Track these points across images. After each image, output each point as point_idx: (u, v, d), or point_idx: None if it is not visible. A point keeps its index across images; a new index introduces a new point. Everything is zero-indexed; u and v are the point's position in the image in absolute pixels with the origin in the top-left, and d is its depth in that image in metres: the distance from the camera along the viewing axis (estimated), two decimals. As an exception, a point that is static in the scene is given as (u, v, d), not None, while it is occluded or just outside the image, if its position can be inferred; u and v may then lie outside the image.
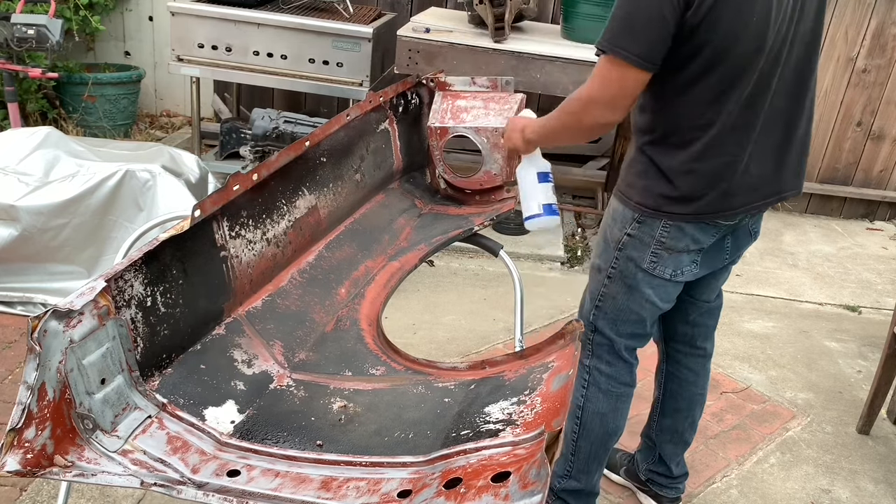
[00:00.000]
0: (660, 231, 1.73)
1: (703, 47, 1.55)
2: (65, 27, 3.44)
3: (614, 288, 1.83)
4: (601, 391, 1.91)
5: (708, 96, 1.61)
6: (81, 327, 1.13)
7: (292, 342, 1.60)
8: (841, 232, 4.71)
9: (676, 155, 1.68)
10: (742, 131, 1.66)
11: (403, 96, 2.34)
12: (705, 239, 1.76)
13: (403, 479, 1.18)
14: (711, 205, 1.70)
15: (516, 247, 3.76)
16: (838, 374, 3.09)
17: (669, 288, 1.83)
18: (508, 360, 1.48)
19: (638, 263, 1.78)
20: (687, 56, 1.57)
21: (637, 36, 1.54)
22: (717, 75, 1.59)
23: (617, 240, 1.79)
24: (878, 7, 4.45)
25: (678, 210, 1.70)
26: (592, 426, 1.94)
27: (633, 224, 1.76)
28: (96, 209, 2.78)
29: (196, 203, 1.38)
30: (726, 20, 1.52)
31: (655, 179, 1.71)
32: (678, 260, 1.77)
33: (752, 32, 1.55)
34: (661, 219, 1.72)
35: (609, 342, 1.89)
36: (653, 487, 2.23)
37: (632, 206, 1.75)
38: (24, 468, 1.04)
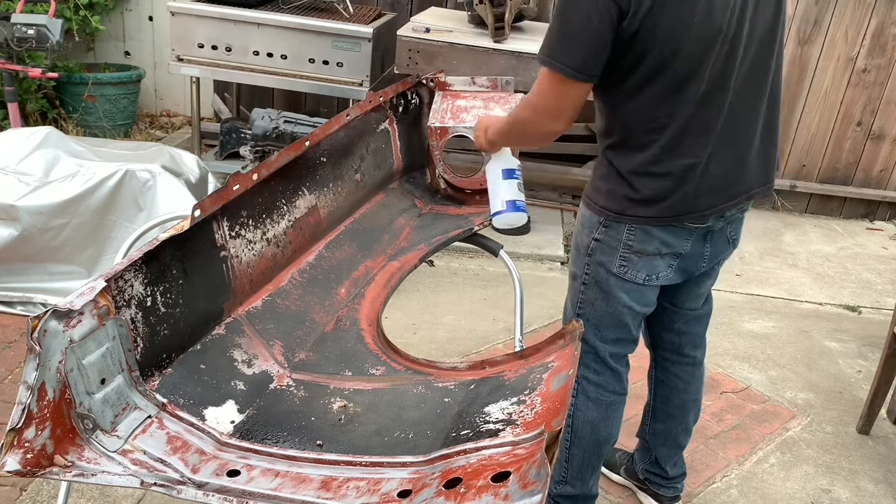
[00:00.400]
0: (626, 234, 1.72)
1: (646, 53, 1.54)
2: (65, 27, 3.44)
3: (591, 294, 1.82)
4: (590, 399, 1.90)
5: (658, 100, 1.60)
6: (81, 327, 1.13)
7: (292, 342, 1.60)
8: (841, 232, 4.71)
9: (634, 158, 1.67)
10: (700, 132, 1.63)
11: (403, 96, 2.34)
12: (677, 243, 1.73)
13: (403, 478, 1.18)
14: (675, 207, 1.68)
15: (516, 247, 3.76)
16: (838, 374, 3.09)
17: (646, 292, 1.80)
18: (508, 360, 1.48)
19: (608, 268, 1.76)
20: (631, 62, 1.57)
21: (572, 49, 1.55)
22: (665, 79, 1.57)
23: (586, 245, 1.79)
24: (878, 7, 4.45)
25: (641, 213, 1.69)
26: (583, 434, 1.93)
27: (600, 228, 1.75)
28: (96, 209, 2.78)
29: (196, 203, 1.38)
30: (665, 25, 1.51)
31: (617, 183, 1.70)
32: (651, 264, 1.75)
33: (696, 34, 1.53)
34: (626, 222, 1.71)
35: (593, 350, 1.87)
36: (651, 487, 2.23)
37: (597, 211, 1.75)
38: (24, 468, 1.04)
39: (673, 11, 1.50)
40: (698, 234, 1.75)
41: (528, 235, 3.95)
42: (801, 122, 4.73)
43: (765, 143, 1.76)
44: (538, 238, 3.93)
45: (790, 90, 4.65)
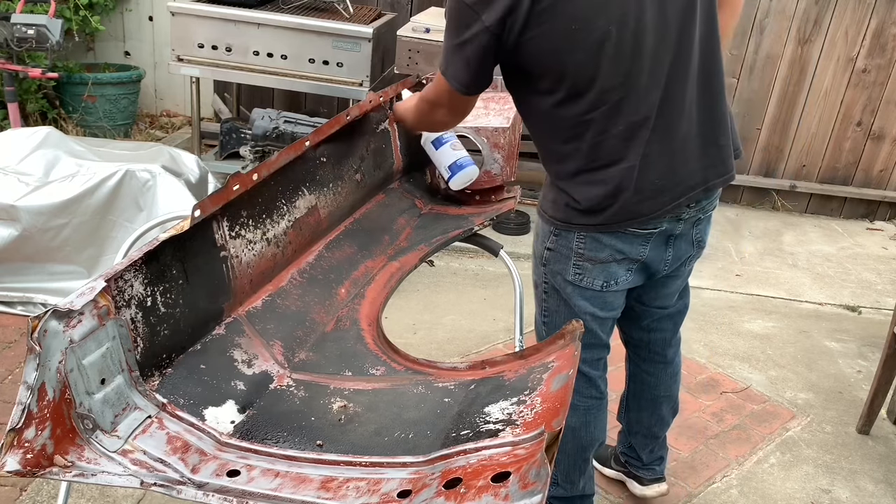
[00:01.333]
0: (576, 243, 1.70)
1: (535, 67, 1.55)
2: (65, 27, 3.44)
3: (553, 302, 1.83)
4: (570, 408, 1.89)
5: (566, 109, 1.57)
6: (81, 327, 1.13)
7: (292, 342, 1.60)
8: (841, 232, 4.71)
9: (565, 170, 1.66)
10: (624, 134, 1.58)
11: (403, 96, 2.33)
12: (632, 249, 1.69)
13: (403, 479, 1.18)
14: (618, 214, 1.63)
15: (516, 247, 3.76)
16: (838, 374, 3.09)
17: (607, 297, 1.77)
18: (508, 360, 1.48)
19: (564, 276, 1.76)
20: (527, 75, 1.58)
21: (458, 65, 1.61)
22: (564, 87, 1.55)
23: (540, 255, 1.80)
24: (878, 7, 4.45)
25: (586, 221, 1.67)
26: (565, 441, 1.91)
27: (551, 238, 1.74)
28: (96, 209, 2.78)
29: (196, 203, 1.38)
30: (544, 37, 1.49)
31: (559, 194, 1.70)
32: (608, 271, 1.72)
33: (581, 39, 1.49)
34: (574, 231, 1.69)
35: None
36: (630, 469, 2.26)
37: (546, 220, 1.75)
38: (24, 468, 1.04)
39: (549, 24, 1.48)
40: (658, 239, 1.71)
41: (528, 235, 3.95)
42: (801, 122, 4.73)
43: (707, 133, 1.67)
44: (538, 238, 3.93)
45: (790, 90, 4.65)
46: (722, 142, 1.70)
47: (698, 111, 1.65)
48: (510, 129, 2.26)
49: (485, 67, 1.60)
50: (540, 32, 1.49)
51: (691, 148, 1.65)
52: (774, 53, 4.58)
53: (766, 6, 4.49)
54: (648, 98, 1.57)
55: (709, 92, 1.66)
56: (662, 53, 1.57)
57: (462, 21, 1.54)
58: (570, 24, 1.48)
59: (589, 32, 1.49)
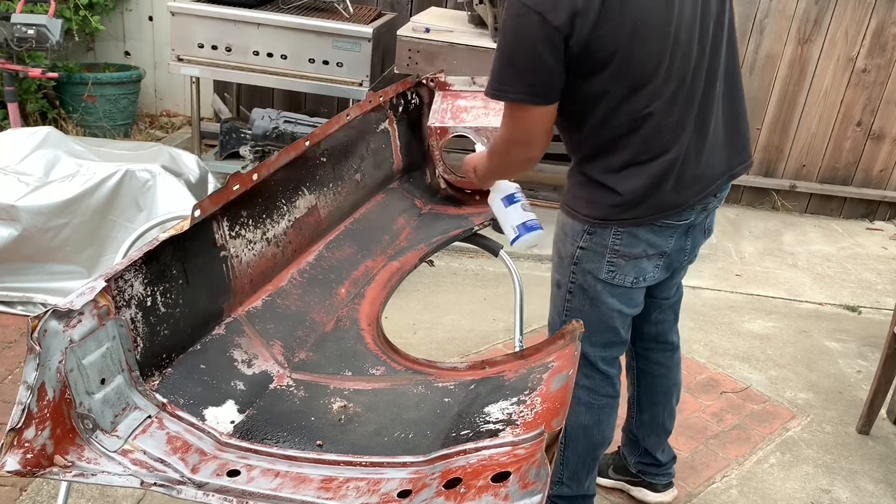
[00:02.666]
0: (612, 239, 1.71)
1: (600, 66, 1.55)
2: (65, 27, 3.44)
3: (577, 302, 1.81)
4: (582, 404, 1.90)
5: (624, 105, 1.60)
6: (81, 327, 1.13)
7: (292, 342, 1.60)
8: (841, 232, 4.71)
9: (611, 165, 1.66)
10: (671, 128, 1.63)
11: (403, 96, 2.34)
12: (662, 242, 1.74)
13: (403, 479, 1.18)
14: (659, 204, 1.68)
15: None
16: (838, 374, 3.09)
17: (634, 294, 1.80)
18: (508, 360, 1.48)
19: (595, 275, 1.75)
20: (589, 75, 1.57)
21: (522, 77, 1.56)
22: (625, 85, 1.57)
23: (570, 254, 1.77)
24: (878, 7, 4.45)
25: (626, 216, 1.68)
26: (577, 438, 1.93)
27: (584, 236, 1.73)
28: (96, 209, 2.78)
29: (196, 203, 1.38)
30: (611, 35, 1.51)
31: (597, 190, 1.69)
32: (639, 266, 1.75)
33: (644, 35, 1.53)
34: (611, 227, 1.70)
35: (583, 355, 1.84)
36: (645, 478, 2.24)
37: (580, 219, 1.73)
38: (24, 468, 1.04)
39: (615, 22, 1.50)
40: (681, 230, 1.76)
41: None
42: (801, 122, 4.73)
43: (731, 124, 1.76)
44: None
45: (790, 90, 4.65)
46: (742, 130, 1.80)
47: (724, 103, 1.73)
48: (510, 129, 2.25)
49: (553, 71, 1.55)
50: (609, 31, 1.51)
51: (719, 138, 1.74)
52: (774, 53, 4.58)
53: (766, 6, 4.49)
54: (694, 90, 1.64)
55: (732, 83, 1.75)
56: (705, 46, 1.64)
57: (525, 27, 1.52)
58: (636, 19, 1.52)
59: (651, 28, 1.54)
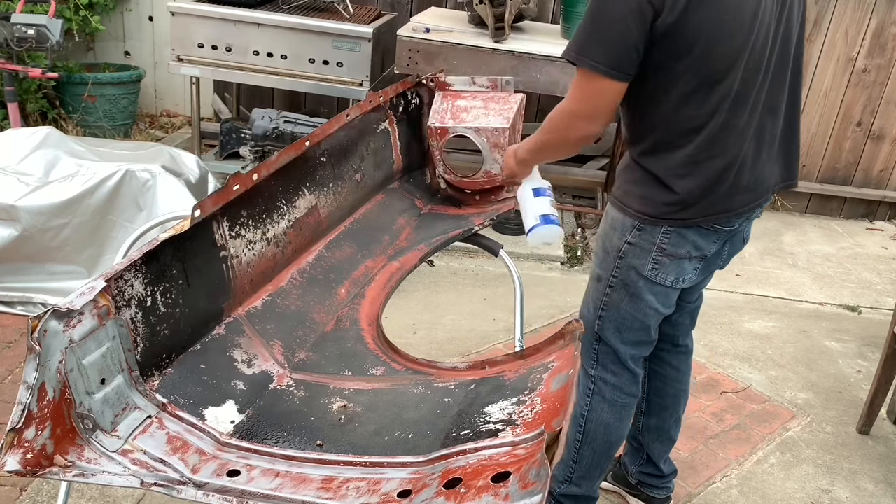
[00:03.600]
0: (660, 238, 1.71)
1: (681, 53, 1.54)
2: (65, 27, 3.44)
3: (617, 297, 1.81)
4: (606, 401, 1.90)
5: (694, 100, 1.59)
6: (81, 327, 1.13)
7: (292, 342, 1.60)
8: (841, 232, 4.71)
9: (671, 161, 1.66)
10: (735, 130, 1.64)
11: (403, 96, 2.34)
12: (707, 246, 1.75)
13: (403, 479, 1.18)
14: (712, 206, 1.68)
15: (516, 247, 3.76)
16: (838, 374, 3.09)
17: (671, 294, 1.82)
18: (508, 360, 1.48)
19: (639, 271, 1.76)
20: (666, 63, 1.56)
21: (606, 48, 1.53)
22: (701, 78, 1.57)
23: (617, 248, 1.77)
24: (878, 7, 4.45)
25: (679, 216, 1.69)
26: (596, 435, 1.93)
27: (634, 232, 1.73)
28: (96, 209, 2.78)
29: (196, 203, 1.38)
30: (699, 23, 1.51)
31: (653, 187, 1.69)
32: (680, 267, 1.76)
33: (730, 31, 1.54)
34: (662, 225, 1.70)
35: (614, 352, 1.87)
36: (644, 490, 2.22)
37: (631, 214, 1.73)
38: (24, 468, 1.04)
39: (706, 9, 1.50)
40: (725, 235, 1.76)
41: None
42: (801, 122, 4.72)
43: (787, 139, 1.77)
44: (538, 238, 3.93)
45: (790, 90, 4.65)
46: (797, 145, 1.81)
47: (785, 113, 1.73)
48: (510, 129, 2.26)
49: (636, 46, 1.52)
50: (698, 17, 1.51)
51: (775, 148, 1.74)
52: (774, 53, 4.58)
53: (766, 6, 4.49)
54: (761, 95, 1.64)
55: (795, 96, 1.75)
56: (778, 53, 1.65)
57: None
58: (724, 13, 1.52)
59: (738, 23, 1.54)
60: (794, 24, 1.68)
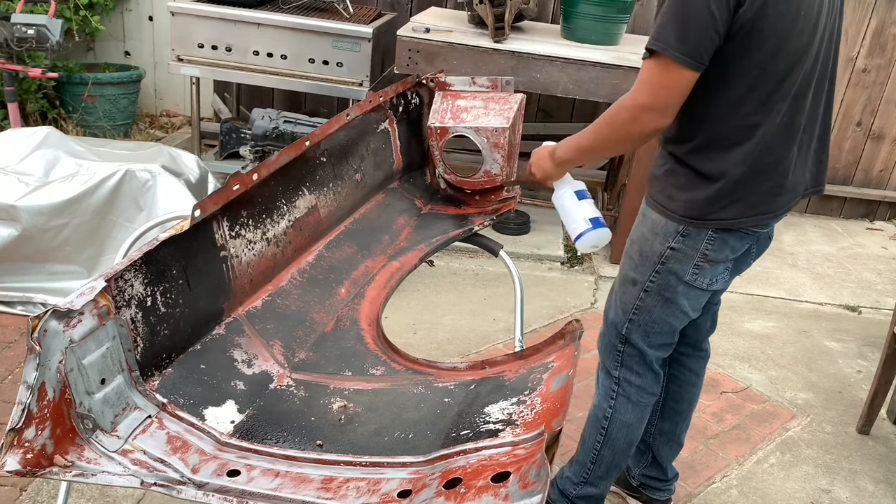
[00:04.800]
0: (705, 244, 1.70)
1: (754, 47, 1.53)
2: (65, 27, 3.44)
3: (650, 301, 1.80)
4: (630, 402, 1.90)
5: (755, 97, 1.58)
6: (81, 327, 1.13)
7: (292, 342, 1.60)
8: (841, 232, 4.71)
9: (724, 160, 1.63)
10: (789, 130, 1.63)
11: (403, 96, 2.34)
12: (741, 247, 1.75)
13: (403, 479, 1.18)
14: (758, 207, 1.67)
15: (516, 247, 3.76)
16: (838, 374, 3.09)
17: (703, 297, 1.82)
18: (508, 360, 1.48)
19: (680, 276, 1.74)
20: (738, 54, 1.54)
21: (688, 36, 1.50)
22: (766, 75, 1.56)
23: (659, 254, 1.74)
24: (878, 7, 4.45)
25: (726, 216, 1.66)
26: (618, 436, 1.93)
27: (678, 238, 1.71)
28: (96, 209, 2.78)
29: (196, 203, 1.38)
30: (775, 17, 1.51)
31: (701, 188, 1.66)
32: (716, 270, 1.75)
33: (801, 28, 1.54)
34: (707, 230, 1.68)
35: (640, 353, 1.87)
36: (645, 492, 2.21)
37: (676, 219, 1.70)
38: (24, 468, 1.04)
39: (784, 4, 1.51)
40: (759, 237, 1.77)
41: (528, 235, 3.95)
42: (801, 122, 4.73)
43: (823, 141, 1.78)
44: (538, 238, 3.93)
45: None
46: (828, 151, 1.82)
47: (821, 120, 1.74)
48: (510, 129, 2.26)
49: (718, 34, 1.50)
50: (776, 12, 1.51)
51: (813, 153, 1.76)
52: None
53: (766, 6, 4.49)
54: (816, 97, 1.66)
55: (830, 101, 1.75)
56: (826, 59, 1.66)
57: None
58: (801, 9, 1.53)
59: (808, 21, 1.55)
60: (838, 31, 1.68)
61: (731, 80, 1.57)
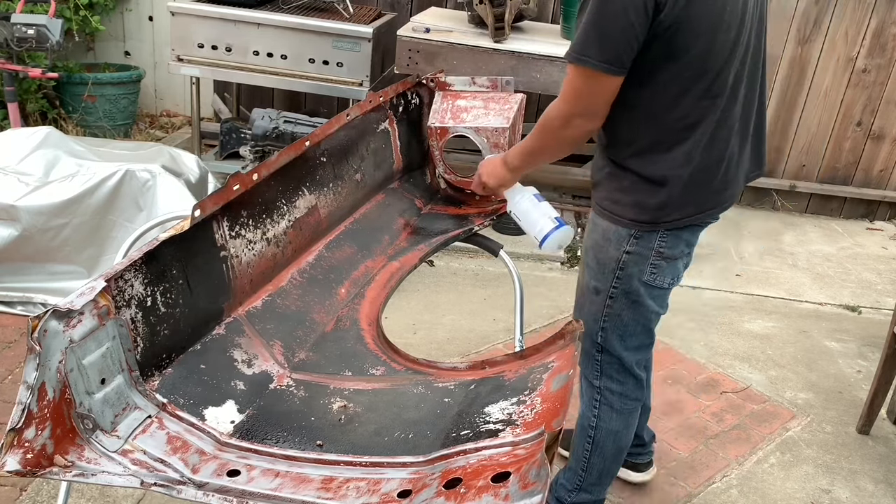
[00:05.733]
0: (657, 242, 1.71)
1: (682, 48, 1.54)
2: (65, 27, 3.44)
3: (618, 306, 1.79)
4: (614, 410, 1.90)
5: (695, 94, 1.59)
6: (81, 327, 1.13)
7: (292, 342, 1.60)
8: (841, 232, 4.71)
9: (666, 161, 1.64)
10: (727, 124, 1.64)
11: (403, 96, 2.34)
12: (694, 240, 1.77)
13: (403, 479, 1.18)
14: (706, 203, 1.69)
15: (516, 247, 3.76)
16: (838, 374, 3.09)
17: (667, 295, 1.83)
18: (508, 360, 1.48)
19: (640, 278, 1.74)
20: (669, 55, 1.55)
21: (606, 44, 1.52)
22: (699, 73, 1.57)
23: (615, 259, 1.74)
24: (878, 7, 4.45)
25: (675, 216, 1.68)
26: (606, 444, 1.93)
27: (631, 241, 1.71)
28: (96, 209, 2.78)
29: (196, 203, 1.38)
30: (700, 16, 1.51)
31: (647, 192, 1.67)
32: (675, 267, 1.76)
33: (728, 22, 1.55)
34: (659, 230, 1.69)
35: (618, 360, 1.86)
36: (629, 458, 2.24)
37: (625, 224, 1.71)
38: (24, 468, 1.04)
39: (709, 2, 1.51)
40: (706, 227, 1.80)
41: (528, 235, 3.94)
42: (801, 122, 4.72)
43: (760, 129, 1.80)
44: (538, 238, 3.93)
45: (790, 90, 4.65)
46: (764, 135, 1.85)
47: (757, 106, 1.76)
48: (510, 129, 2.26)
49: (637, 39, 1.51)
50: (702, 10, 1.51)
51: (751, 140, 1.78)
52: (774, 53, 4.57)
53: (766, 6, 4.49)
54: (750, 87, 1.68)
55: (763, 89, 1.77)
56: (757, 47, 1.68)
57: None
58: (724, 5, 1.54)
59: (734, 14, 1.56)
60: (765, 17, 1.72)
61: (665, 81, 1.59)
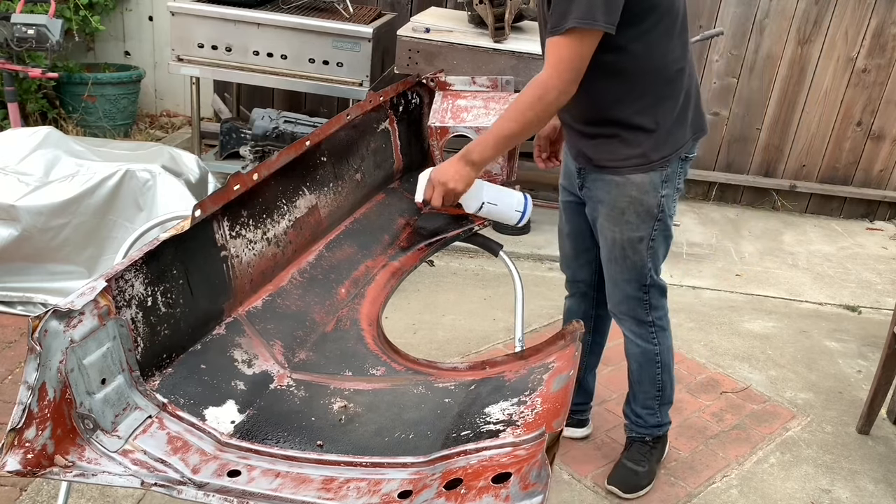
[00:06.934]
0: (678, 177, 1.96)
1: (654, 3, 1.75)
2: (65, 27, 3.44)
3: (657, 243, 2.02)
4: (665, 330, 2.17)
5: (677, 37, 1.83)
6: (82, 327, 1.13)
7: (292, 342, 1.60)
8: (841, 232, 4.71)
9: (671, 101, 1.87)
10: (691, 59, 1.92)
11: (403, 96, 2.34)
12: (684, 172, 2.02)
13: (404, 479, 1.18)
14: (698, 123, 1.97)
15: (516, 247, 3.76)
16: (838, 374, 3.09)
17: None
18: (508, 360, 1.48)
19: (670, 213, 2.00)
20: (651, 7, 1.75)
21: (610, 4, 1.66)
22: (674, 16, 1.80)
23: (657, 205, 1.95)
24: (878, 7, 4.45)
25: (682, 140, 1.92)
26: (669, 359, 2.20)
27: (664, 185, 1.93)
28: (96, 209, 2.78)
29: (196, 203, 1.38)
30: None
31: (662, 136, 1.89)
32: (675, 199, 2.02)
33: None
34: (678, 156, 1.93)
35: (658, 287, 2.11)
36: (574, 416, 2.48)
37: (657, 168, 1.90)
38: (25, 468, 1.04)
39: None
40: None
41: (528, 235, 3.94)
42: (801, 122, 4.72)
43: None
44: (538, 238, 3.93)
45: (790, 90, 4.65)
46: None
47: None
48: (510, 129, 2.25)
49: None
50: None
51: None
52: (774, 53, 4.58)
53: (766, 6, 4.49)
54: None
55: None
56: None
57: None
58: None
59: None
60: None
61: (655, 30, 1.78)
